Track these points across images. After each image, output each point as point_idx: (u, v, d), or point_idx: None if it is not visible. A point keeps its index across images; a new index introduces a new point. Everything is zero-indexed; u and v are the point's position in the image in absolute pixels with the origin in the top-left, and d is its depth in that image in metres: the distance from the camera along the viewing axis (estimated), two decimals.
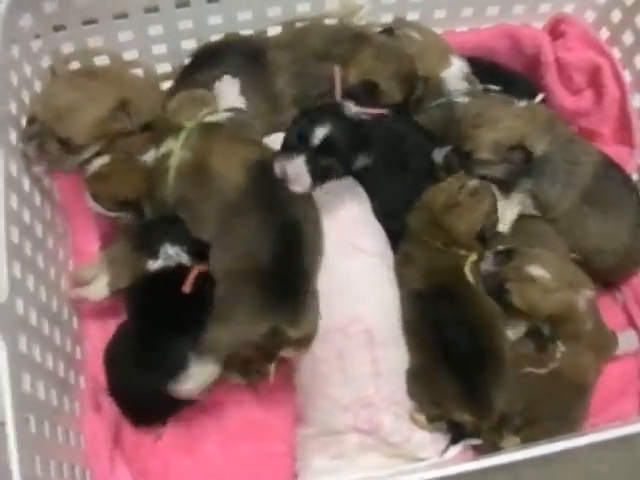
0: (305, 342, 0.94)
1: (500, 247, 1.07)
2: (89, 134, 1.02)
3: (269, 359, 0.92)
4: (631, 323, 1.18)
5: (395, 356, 1.00)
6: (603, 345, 1.07)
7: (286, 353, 0.93)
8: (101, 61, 1.15)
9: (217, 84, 1.08)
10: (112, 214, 1.07)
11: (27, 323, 0.91)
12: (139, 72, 1.18)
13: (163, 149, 1.03)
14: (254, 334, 0.89)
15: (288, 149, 0.97)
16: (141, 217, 1.06)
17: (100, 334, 1.09)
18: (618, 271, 1.17)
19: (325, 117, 1.01)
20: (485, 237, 1.05)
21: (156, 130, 1.07)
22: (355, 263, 1.03)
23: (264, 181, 0.97)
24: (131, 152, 1.05)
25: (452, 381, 0.96)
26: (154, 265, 1.00)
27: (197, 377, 0.93)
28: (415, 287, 1.03)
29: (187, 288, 0.97)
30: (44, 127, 0.99)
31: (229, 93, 1.07)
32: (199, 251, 1.00)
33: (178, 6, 1.13)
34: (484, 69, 1.23)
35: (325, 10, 1.19)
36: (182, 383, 0.91)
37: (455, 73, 1.18)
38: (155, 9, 1.12)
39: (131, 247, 1.02)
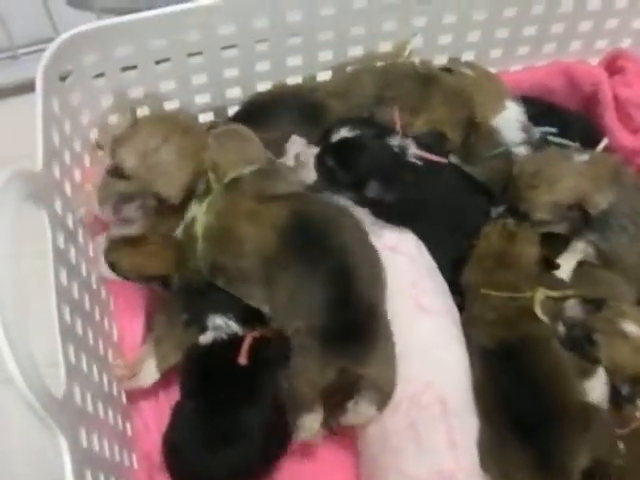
0: (380, 391, 0.89)
1: (588, 296, 1.00)
2: (184, 193, 0.96)
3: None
4: None
5: (471, 425, 0.93)
6: None
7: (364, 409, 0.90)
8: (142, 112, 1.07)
9: (288, 146, 1.01)
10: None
11: (85, 411, 0.83)
12: None
13: (188, 216, 0.96)
14: (324, 380, 0.86)
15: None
16: (168, 289, 0.98)
17: (150, 407, 1.02)
18: None
19: (361, 126, 0.98)
20: (551, 262, 1.02)
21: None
22: (422, 325, 0.96)
23: (300, 235, 0.90)
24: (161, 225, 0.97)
25: (522, 450, 0.90)
26: (205, 339, 0.93)
27: (306, 426, 0.90)
28: (483, 344, 0.97)
29: (243, 360, 0.91)
30: (142, 185, 0.93)
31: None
32: (249, 316, 0.93)
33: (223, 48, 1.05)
34: (540, 110, 1.16)
35: (377, 52, 1.13)
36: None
37: (510, 119, 1.10)
38: (199, 54, 1.05)
39: (178, 324, 0.95)
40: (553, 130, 1.14)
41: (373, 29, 1.10)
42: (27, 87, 0.95)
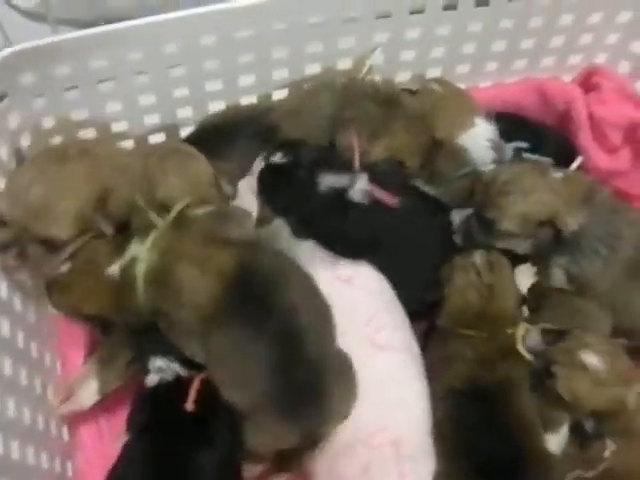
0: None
1: (549, 326, 0.96)
2: (74, 227, 0.85)
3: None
4: None
5: (425, 468, 0.88)
6: None
7: None
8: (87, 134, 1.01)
9: (241, 185, 0.96)
10: None
11: (8, 459, 0.78)
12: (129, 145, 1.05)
13: (128, 255, 0.87)
14: (287, 444, 0.85)
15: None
16: (108, 327, 0.93)
17: (93, 443, 0.98)
18: None
19: (299, 152, 0.95)
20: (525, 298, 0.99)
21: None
22: (377, 363, 0.91)
23: (243, 291, 0.83)
24: (96, 261, 0.88)
25: None
26: (151, 381, 0.88)
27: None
28: (454, 385, 0.93)
29: (190, 406, 0.85)
30: (19, 229, 0.84)
31: (247, 195, 0.96)
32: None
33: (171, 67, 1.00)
34: (513, 125, 1.10)
35: (335, 70, 1.07)
36: None
37: (480, 137, 1.04)
38: (145, 72, 1.00)
39: (122, 357, 0.92)
40: (525, 145, 1.08)
41: (331, 45, 1.04)
42: None
